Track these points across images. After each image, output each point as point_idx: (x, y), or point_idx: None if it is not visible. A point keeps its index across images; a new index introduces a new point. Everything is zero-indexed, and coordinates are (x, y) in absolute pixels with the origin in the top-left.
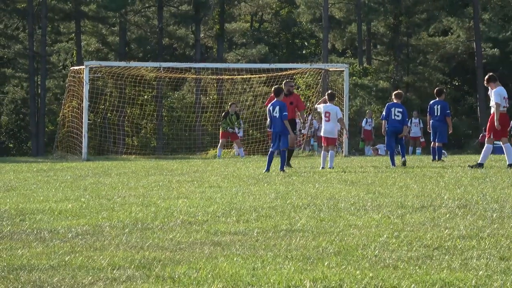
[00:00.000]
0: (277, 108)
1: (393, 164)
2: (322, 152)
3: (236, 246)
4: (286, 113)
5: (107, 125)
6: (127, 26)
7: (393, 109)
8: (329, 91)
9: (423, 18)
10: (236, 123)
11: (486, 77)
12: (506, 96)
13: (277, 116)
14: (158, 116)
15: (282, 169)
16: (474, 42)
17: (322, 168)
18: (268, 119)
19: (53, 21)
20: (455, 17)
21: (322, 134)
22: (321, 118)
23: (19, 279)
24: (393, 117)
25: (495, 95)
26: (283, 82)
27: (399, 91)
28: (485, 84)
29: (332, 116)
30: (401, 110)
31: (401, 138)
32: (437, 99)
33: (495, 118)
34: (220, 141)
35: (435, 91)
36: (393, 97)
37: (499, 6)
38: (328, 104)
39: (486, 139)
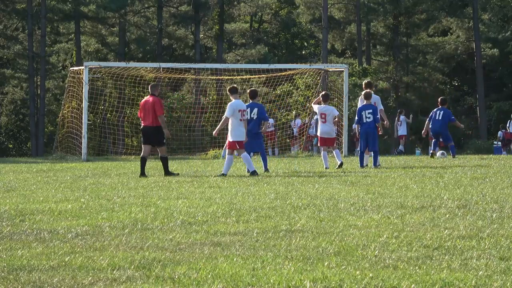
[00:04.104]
0: (255, 110)
1: (361, 165)
2: (322, 152)
3: (236, 247)
4: (267, 115)
5: (107, 126)
6: (126, 27)
7: (363, 113)
8: (323, 92)
9: (422, 18)
10: None
11: (228, 88)
12: (243, 108)
13: (254, 118)
14: None
15: (266, 168)
16: (473, 42)
17: (326, 168)
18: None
19: (52, 21)
20: (454, 18)
21: (319, 135)
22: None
23: (19, 279)
24: (364, 120)
25: (229, 107)
26: (151, 85)
27: (368, 90)
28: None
29: (328, 117)
30: (370, 111)
31: (374, 141)
32: (440, 107)
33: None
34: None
35: (440, 100)
36: (362, 97)
37: (499, 7)
38: (323, 105)
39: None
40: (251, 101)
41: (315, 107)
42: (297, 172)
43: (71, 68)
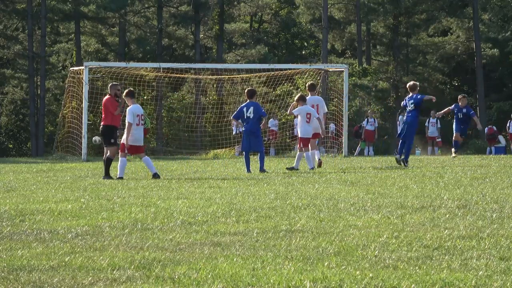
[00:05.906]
0: (251, 109)
1: (399, 153)
2: (305, 153)
3: (236, 247)
4: (264, 111)
5: None
6: (126, 27)
7: (407, 102)
8: (299, 94)
9: (422, 18)
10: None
11: (126, 91)
12: (141, 113)
13: (251, 117)
14: (158, 116)
15: (262, 169)
16: (473, 42)
17: (311, 168)
18: (235, 121)
19: (52, 21)
20: (454, 18)
21: (301, 135)
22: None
23: (19, 279)
24: (408, 109)
25: (128, 113)
26: (110, 85)
27: (413, 82)
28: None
29: (313, 118)
30: (412, 101)
31: (408, 132)
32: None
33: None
34: None
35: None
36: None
37: (499, 7)
38: (304, 106)
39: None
40: (248, 101)
41: (296, 111)
42: (297, 172)
43: (71, 68)
